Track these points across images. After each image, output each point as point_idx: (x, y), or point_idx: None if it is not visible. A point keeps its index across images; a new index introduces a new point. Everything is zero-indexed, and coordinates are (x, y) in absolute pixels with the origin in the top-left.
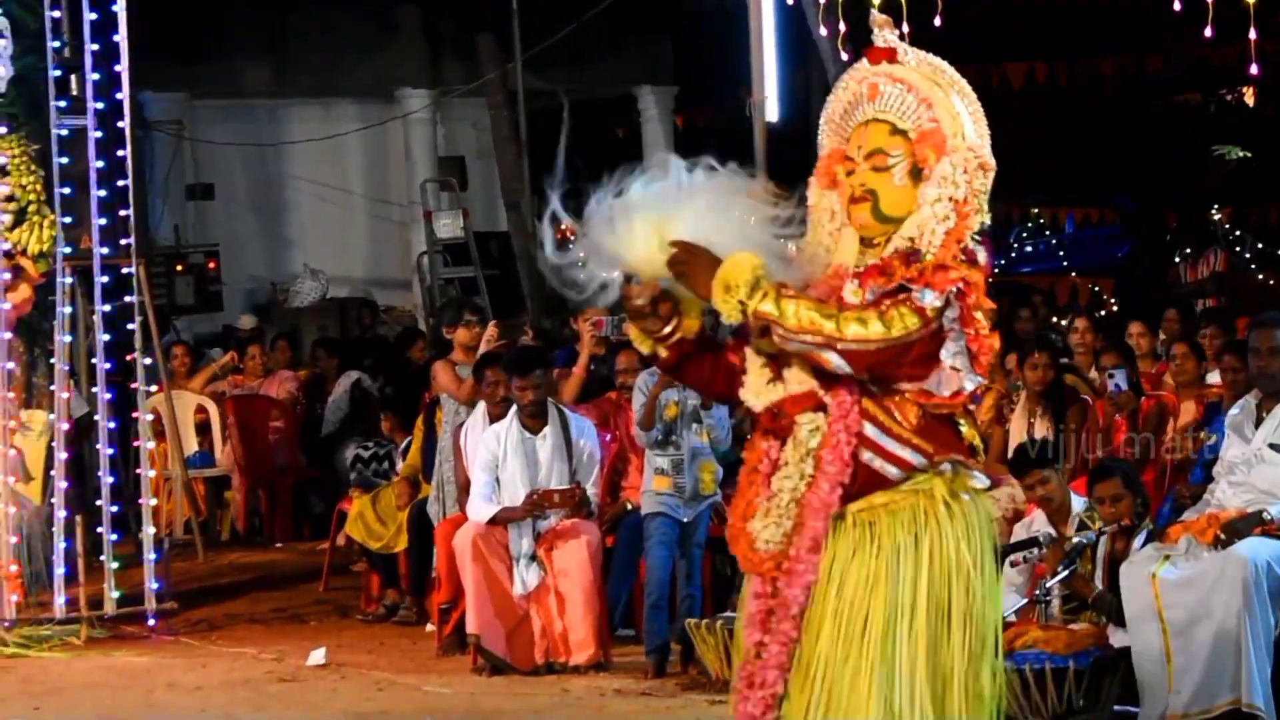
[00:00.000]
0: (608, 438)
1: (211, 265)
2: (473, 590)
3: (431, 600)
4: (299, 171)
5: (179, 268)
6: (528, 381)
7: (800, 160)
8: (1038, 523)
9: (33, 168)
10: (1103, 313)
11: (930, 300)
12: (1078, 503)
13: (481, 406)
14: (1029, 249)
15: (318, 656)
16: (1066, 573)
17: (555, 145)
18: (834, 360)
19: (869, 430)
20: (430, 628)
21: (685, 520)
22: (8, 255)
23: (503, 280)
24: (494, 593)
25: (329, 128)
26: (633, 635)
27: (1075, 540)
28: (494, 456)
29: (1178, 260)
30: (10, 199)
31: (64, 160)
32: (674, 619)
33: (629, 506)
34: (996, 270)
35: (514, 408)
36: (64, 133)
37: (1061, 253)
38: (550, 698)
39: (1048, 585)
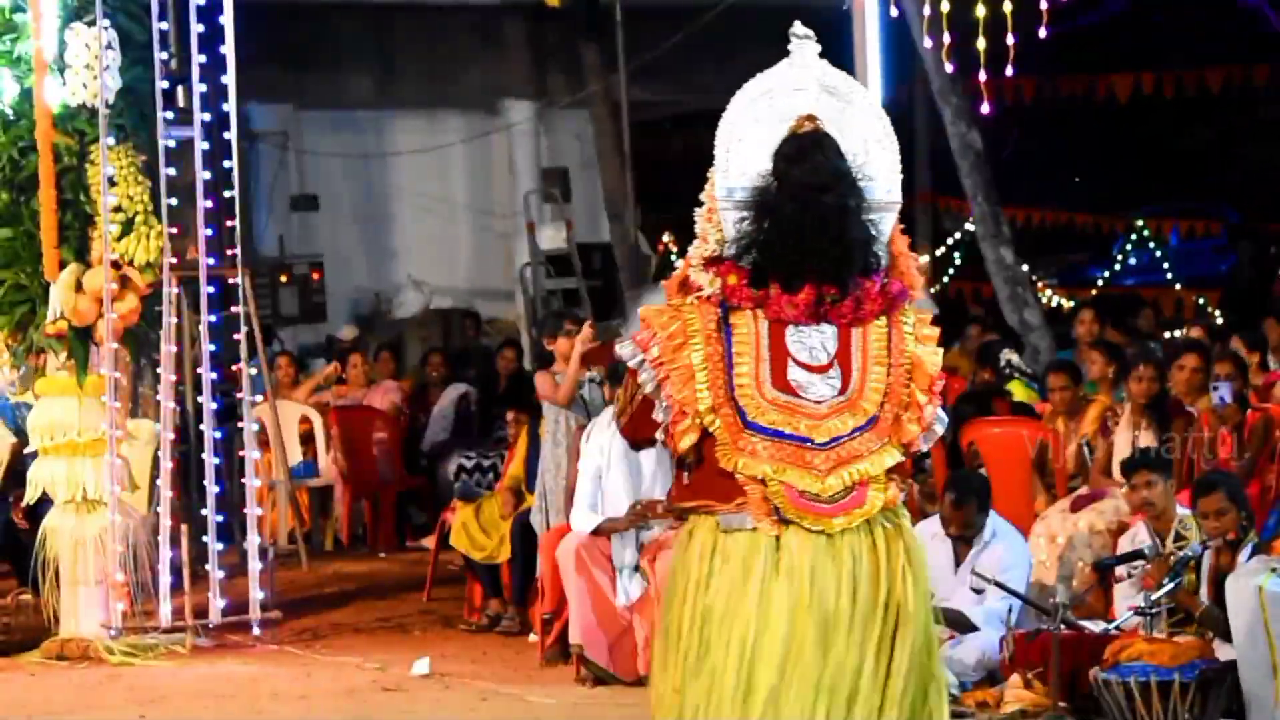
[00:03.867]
0: None
1: (316, 276)
2: (576, 601)
3: (534, 610)
4: (403, 182)
5: (283, 278)
6: None
7: (905, 172)
8: (1141, 534)
9: (140, 179)
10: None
11: (623, 354)
12: (1181, 513)
13: (608, 411)
14: (1133, 261)
15: (422, 666)
16: (1172, 586)
17: (658, 156)
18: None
19: None
20: (533, 638)
21: None
22: (115, 266)
23: (605, 291)
24: (597, 603)
25: (433, 139)
26: None
27: (1181, 553)
28: (598, 466)
29: None
30: (118, 210)
31: (171, 171)
32: None
33: None
34: (1101, 282)
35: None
36: (171, 144)
37: (1166, 264)
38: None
39: (1153, 598)
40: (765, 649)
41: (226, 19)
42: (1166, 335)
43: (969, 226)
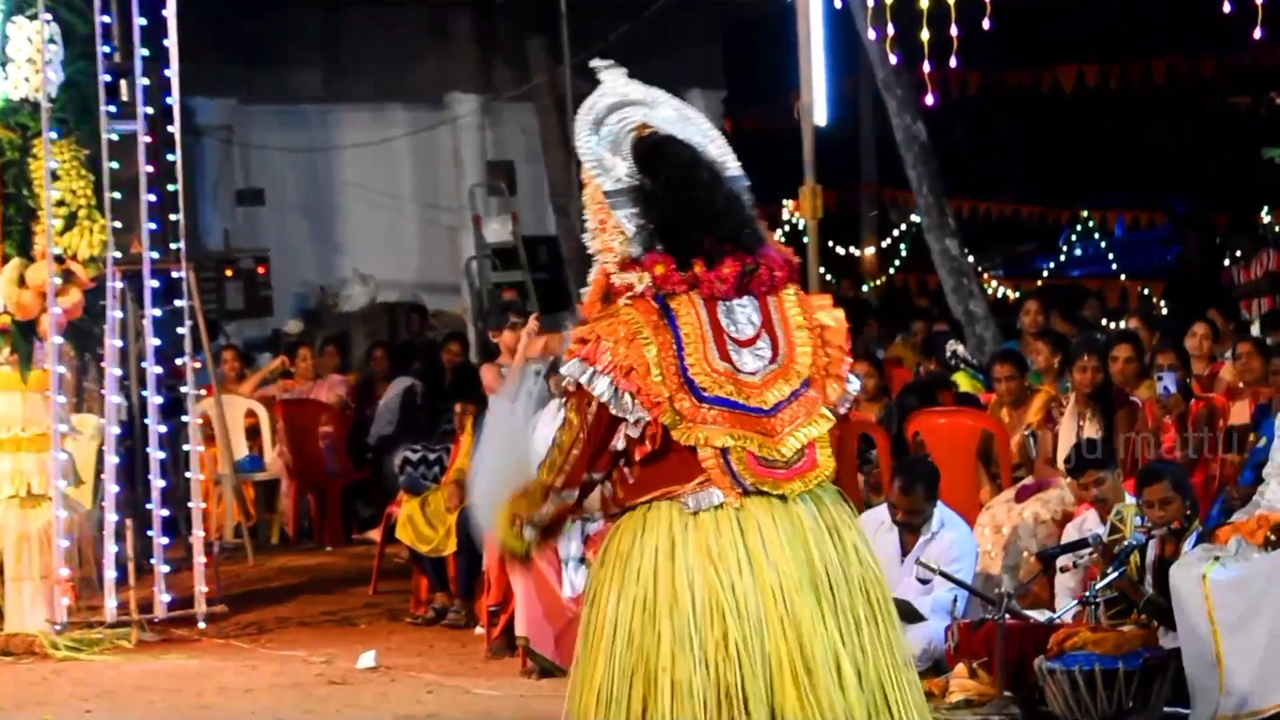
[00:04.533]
0: None
1: (261, 270)
2: (522, 593)
3: (481, 603)
4: (349, 176)
5: (229, 273)
6: None
7: (848, 163)
8: (1089, 522)
9: (83, 172)
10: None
11: (571, 372)
12: (1126, 503)
13: (553, 405)
14: (1079, 252)
15: (367, 659)
16: (1115, 575)
17: None
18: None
19: None
20: (479, 630)
21: None
22: (58, 260)
23: (552, 284)
24: (543, 595)
25: (379, 132)
26: None
27: (1125, 542)
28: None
29: (1228, 263)
30: (61, 204)
31: (114, 165)
32: None
33: None
34: (1046, 273)
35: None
36: (114, 138)
37: (1111, 255)
38: None
39: (1097, 587)
40: (744, 616)
41: (169, 12)
42: (1111, 326)
43: (915, 218)
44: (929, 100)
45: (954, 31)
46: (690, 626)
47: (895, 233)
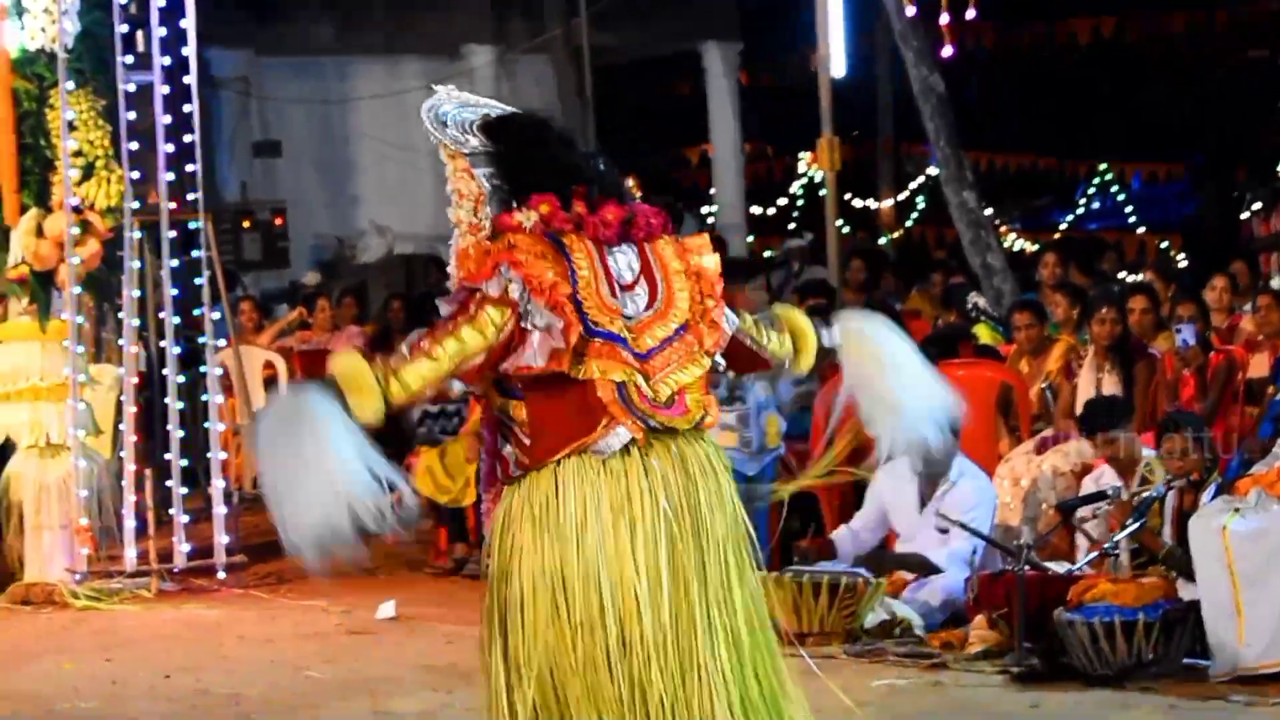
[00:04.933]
0: None
1: (278, 222)
2: None
3: None
4: (365, 128)
5: (246, 224)
6: None
7: (865, 117)
8: (1106, 476)
9: (100, 123)
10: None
11: (488, 290)
12: (1146, 455)
13: None
14: (1096, 205)
15: (387, 610)
16: (1135, 526)
17: (618, 101)
18: (456, 387)
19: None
20: None
21: (751, 474)
22: (76, 210)
23: None
24: None
25: (394, 84)
26: None
27: (1144, 494)
28: None
29: (1246, 215)
30: (78, 154)
31: (131, 116)
32: None
33: None
34: (1064, 227)
35: None
36: (131, 88)
37: (1129, 208)
38: None
39: (1116, 539)
40: (655, 561)
41: None
42: (1129, 279)
43: (931, 171)
44: (946, 52)
45: None
46: (603, 586)
47: (912, 186)
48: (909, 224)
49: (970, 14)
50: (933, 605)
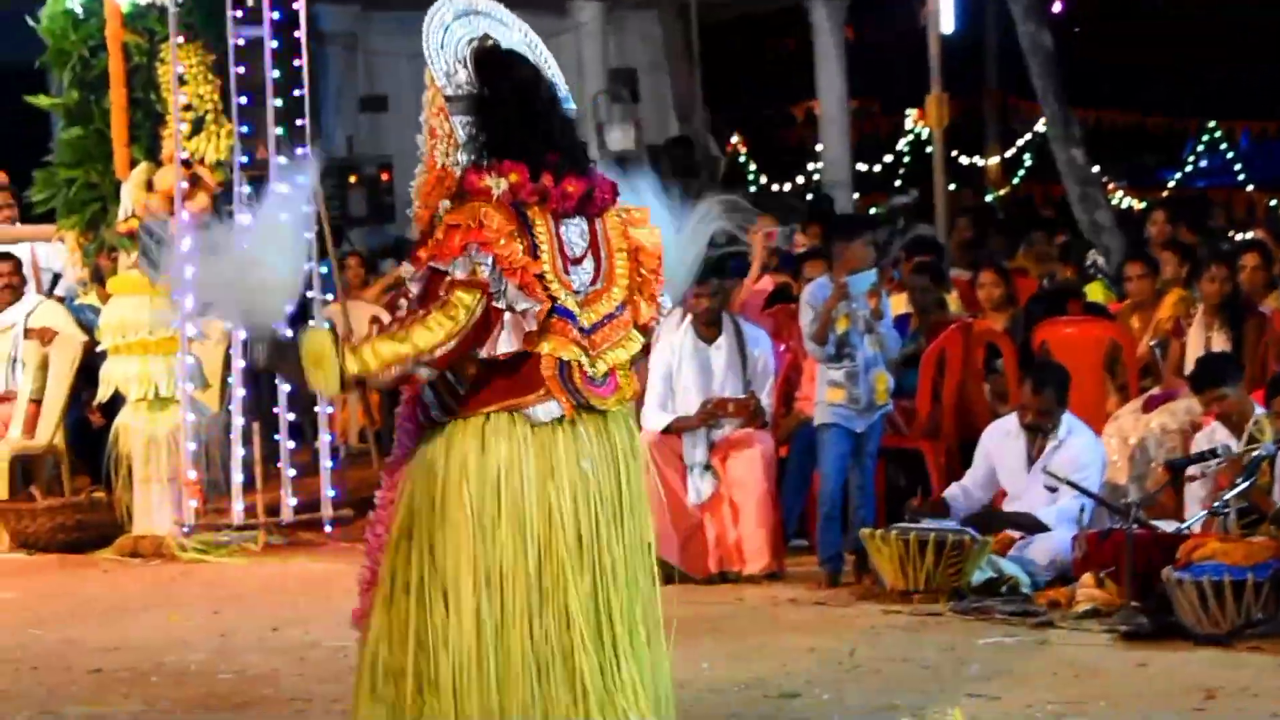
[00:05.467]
0: (781, 348)
1: (385, 177)
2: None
3: None
4: None
5: (352, 179)
6: (704, 290)
7: (974, 73)
8: (1218, 434)
9: (210, 77)
10: None
11: (455, 272)
12: (1256, 413)
13: (678, 311)
14: (1204, 163)
15: None
16: (1245, 485)
17: (726, 58)
18: (423, 374)
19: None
20: None
21: (859, 431)
22: (186, 164)
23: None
24: (668, 501)
25: None
26: (806, 546)
27: (1254, 453)
28: (668, 365)
29: None
30: (188, 108)
31: (240, 70)
32: (847, 529)
33: (803, 417)
34: (1172, 184)
35: (690, 317)
36: (240, 43)
37: (1238, 166)
38: (725, 606)
39: (1226, 498)
40: (573, 527)
41: None
42: (1238, 238)
43: (1039, 128)
44: (1055, 8)
45: None
46: (529, 540)
47: (1019, 143)
48: (1015, 180)
49: None
50: (1040, 564)
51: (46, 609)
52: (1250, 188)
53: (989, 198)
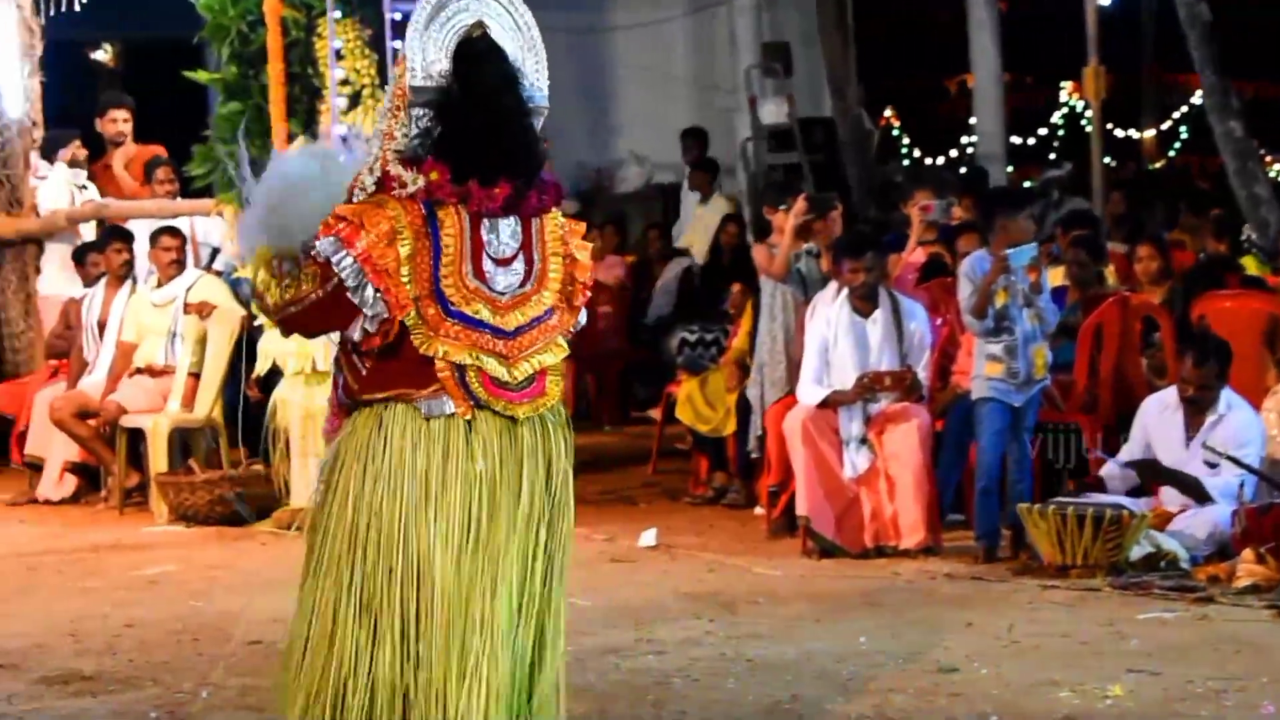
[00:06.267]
0: (938, 322)
1: None
2: (803, 473)
3: (760, 483)
4: (623, 57)
5: None
6: (859, 264)
7: (1130, 45)
8: None
9: (366, 51)
10: None
11: (323, 249)
12: None
13: (833, 285)
14: None
15: (649, 538)
16: None
17: (881, 31)
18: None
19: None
20: (758, 511)
21: (1017, 405)
22: (343, 139)
23: (827, 167)
24: (824, 475)
25: (654, 13)
26: (962, 520)
27: None
28: (824, 339)
29: None
30: (345, 83)
31: (397, 44)
32: (1003, 504)
33: (959, 391)
34: None
35: (845, 291)
36: (397, 17)
37: None
38: (880, 580)
39: None
40: (458, 526)
41: None
42: None
43: (1195, 100)
44: None
45: None
46: (408, 533)
47: (1175, 115)
48: (1171, 154)
49: None
50: (1199, 538)
51: (206, 581)
52: None
53: (1144, 170)
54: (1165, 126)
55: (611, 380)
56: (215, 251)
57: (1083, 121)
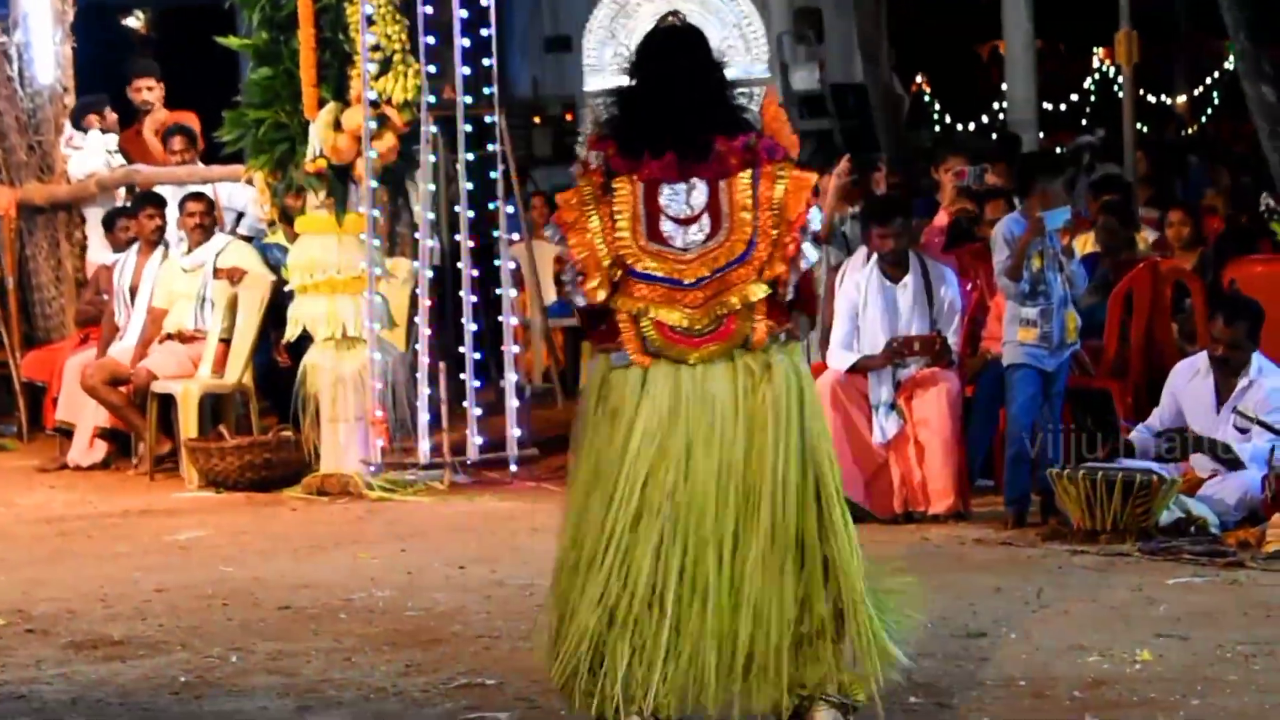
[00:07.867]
0: (968, 287)
1: (569, 117)
2: (832, 438)
3: None
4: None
5: (536, 119)
6: (888, 229)
7: (1162, 11)
8: None
9: (398, 17)
10: None
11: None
12: None
13: (863, 250)
14: None
15: None
16: None
17: None
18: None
19: None
20: None
21: (1049, 370)
22: (373, 104)
23: (859, 132)
24: (853, 441)
25: None
26: (991, 486)
27: None
28: (854, 304)
29: None
30: (376, 48)
31: (428, 10)
32: (1034, 469)
33: (989, 356)
34: None
35: (875, 256)
36: None
37: None
38: (910, 546)
39: None
40: (645, 461)
41: None
42: None
43: (1227, 65)
44: None
45: None
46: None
47: (1207, 80)
48: (1204, 119)
49: None
50: (1229, 503)
51: (236, 546)
52: None
53: (1178, 134)
54: (1198, 92)
55: None
56: (240, 216)
57: (1115, 87)
